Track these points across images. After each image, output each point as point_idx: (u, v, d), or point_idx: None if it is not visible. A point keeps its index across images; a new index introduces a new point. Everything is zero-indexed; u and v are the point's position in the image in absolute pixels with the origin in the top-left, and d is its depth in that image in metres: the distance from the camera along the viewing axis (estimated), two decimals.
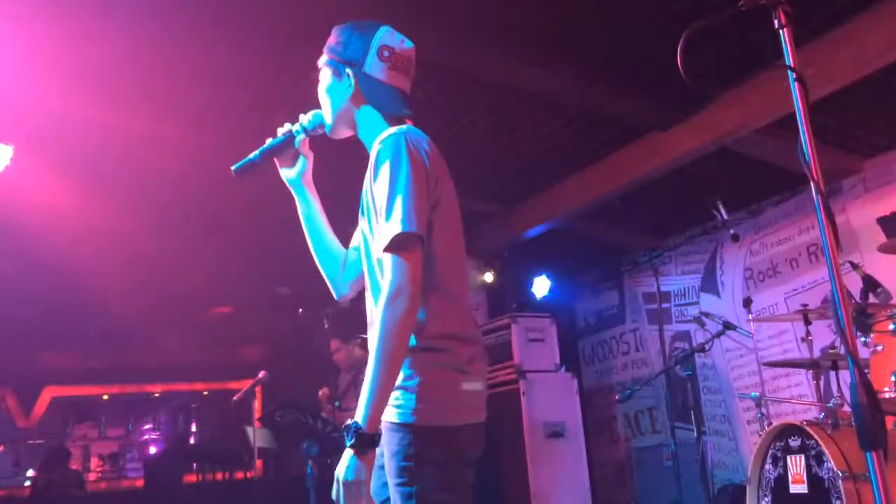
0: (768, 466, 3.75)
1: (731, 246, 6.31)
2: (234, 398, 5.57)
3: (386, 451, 1.70)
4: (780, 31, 1.60)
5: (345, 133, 2.00)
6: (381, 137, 1.79)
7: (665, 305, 6.89)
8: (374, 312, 1.71)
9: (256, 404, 8.69)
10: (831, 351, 4.40)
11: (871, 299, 3.67)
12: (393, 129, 1.80)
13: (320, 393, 5.20)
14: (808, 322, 4.30)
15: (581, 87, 4.47)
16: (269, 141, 2.03)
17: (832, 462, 3.32)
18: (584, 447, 5.94)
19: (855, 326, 3.33)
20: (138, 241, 5.98)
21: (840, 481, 3.27)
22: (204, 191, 5.54)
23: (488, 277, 7.09)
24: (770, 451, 3.76)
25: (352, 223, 2.04)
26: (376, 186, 1.73)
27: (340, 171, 2.72)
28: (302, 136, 2.01)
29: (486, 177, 5.78)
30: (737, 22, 1.67)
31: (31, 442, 9.07)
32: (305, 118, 2.00)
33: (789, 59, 1.59)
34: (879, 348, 3.24)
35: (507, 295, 7.20)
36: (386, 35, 1.90)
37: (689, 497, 4.70)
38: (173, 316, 8.11)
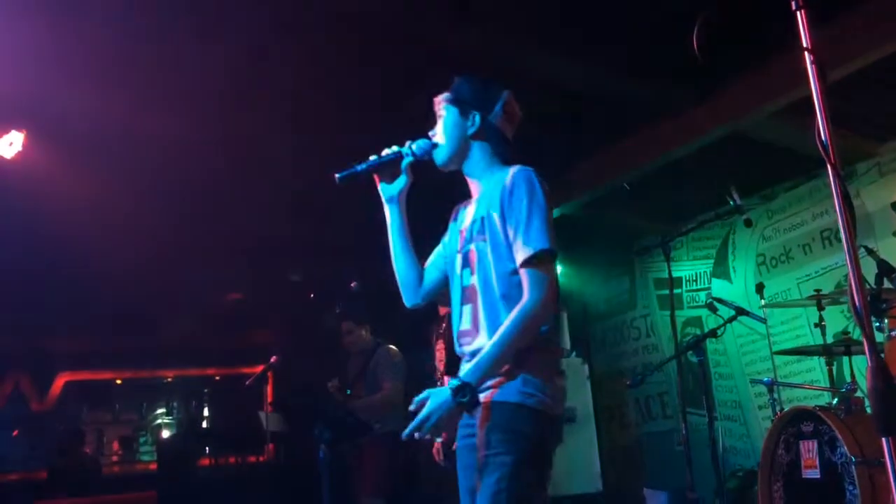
0: (780, 451, 3.75)
1: (743, 231, 6.27)
2: (247, 383, 5.61)
3: (498, 428, 1.97)
4: (798, 13, 1.58)
5: (452, 164, 2.31)
6: (514, 171, 2.15)
7: (676, 291, 6.86)
8: (497, 312, 2.06)
9: (268, 389, 8.76)
10: (844, 336, 4.38)
11: (886, 284, 3.65)
12: (518, 166, 2.17)
13: (330, 385, 5.23)
14: (820, 308, 4.28)
15: (594, 70, 4.44)
16: (375, 157, 2.28)
17: (845, 447, 3.31)
18: (595, 432, 5.95)
19: (870, 311, 3.31)
20: (151, 226, 6.00)
21: (853, 467, 3.26)
22: (217, 176, 5.54)
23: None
24: (782, 437, 3.76)
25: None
26: (515, 204, 2.07)
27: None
28: (410, 159, 2.29)
29: None
30: (754, 3, 1.65)
31: (45, 426, 9.16)
32: (414, 144, 2.30)
33: (806, 41, 1.57)
34: (894, 334, 3.22)
35: None
36: (509, 96, 2.34)
37: (700, 482, 4.69)
38: (186, 301, 8.15)
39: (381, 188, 2.33)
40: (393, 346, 5.22)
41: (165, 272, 7.00)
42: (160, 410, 10.28)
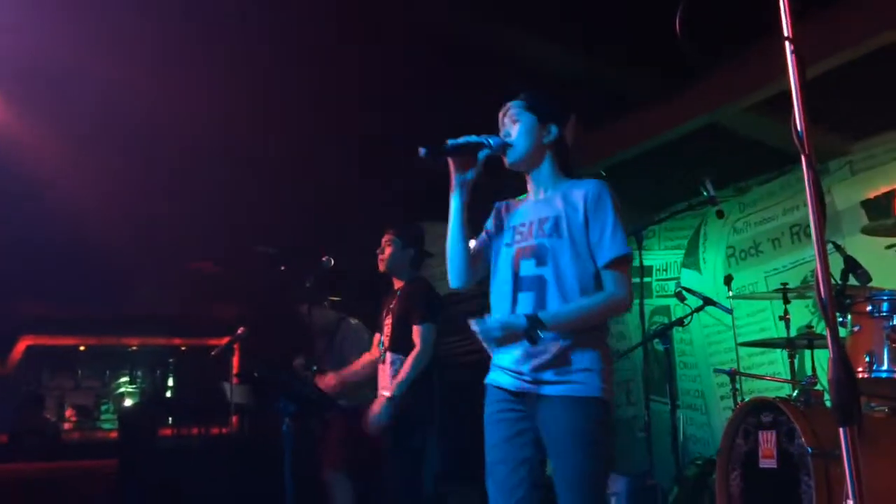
0: (739, 441, 3.80)
1: (715, 223, 6.32)
2: (212, 353, 5.56)
3: (577, 418, 2.24)
4: (781, 1, 1.58)
5: (522, 166, 2.52)
6: (598, 183, 2.46)
7: (647, 279, 6.92)
8: (570, 301, 2.31)
9: (234, 361, 8.70)
10: (807, 330, 4.45)
11: (851, 281, 3.69)
12: (595, 179, 2.47)
13: (295, 363, 5.20)
14: (786, 301, 4.33)
15: (575, 57, 4.43)
16: (464, 138, 2.41)
17: (803, 438, 3.36)
18: None
19: (835, 305, 3.35)
20: (122, 192, 5.90)
21: (809, 458, 3.32)
22: (191, 145, 5.46)
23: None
24: (742, 426, 3.81)
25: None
26: (600, 215, 2.38)
27: None
28: (487, 151, 2.44)
29: None
30: None
31: (5, 390, 9.03)
32: (491, 138, 2.46)
33: (788, 31, 1.56)
34: (856, 329, 3.26)
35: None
36: (574, 117, 2.58)
37: (660, 469, 4.76)
38: (154, 269, 8.04)
39: (455, 174, 2.47)
40: (355, 320, 5.20)
41: (135, 239, 6.90)
42: (123, 379, 10.18)
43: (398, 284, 4.13)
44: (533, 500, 2.27)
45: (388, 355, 3.95)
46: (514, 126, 2.50)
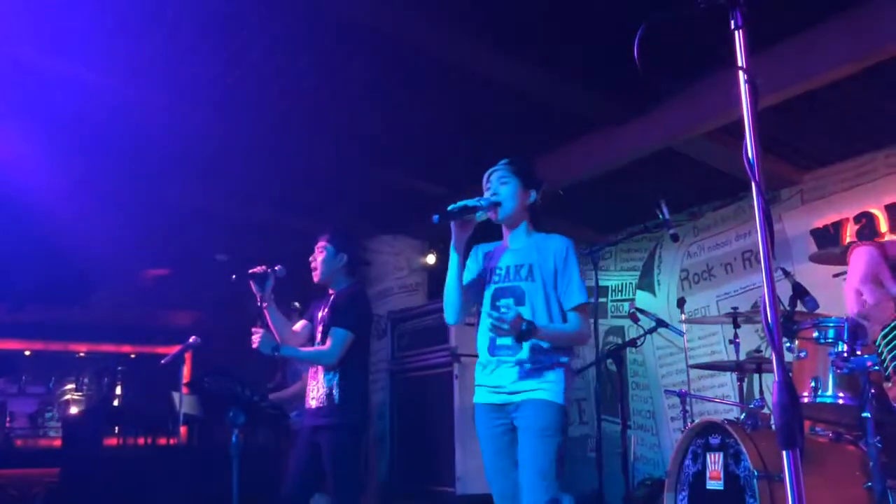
0: (688, 462, 3.84)
1: (670, 246, 6.43)
2: (163, 362, 5.45)
3: (543, 416, 2.80)
4: (736, 32, 1.62)
5: (507, 221, 3.04)
6: (565, 240, 3.00)
7: (602, 300, 6.99)
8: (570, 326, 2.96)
9: (185, 370, 8.54)
10: (756, 354, 4.53)
11: (799, 307, 3.78)
12: (563, 238, 3.01)
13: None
14: (736, 325, 4.42)
15: (534, 77, 4.47)
16: (462, 202, 2.86)
17: (749, 461, 3.41)
18: None
19: (781, 330, 3.42)
20: (76, 195, 5.78)
21: (755, 480, 3.37)
22: (147, 151, 5.39)
23: (430, 259, 7.08)
24: (691, 448, 3.85)
25: None
26: (568, 269, 2.96)
27: None
28: (482, 213, 2.96)
29: (433, 158, 5.74)
30: (694, 20, 1.68)
31: None
32: (483, 200, 2.94)
33: (742, 61, 1.60)
34: (803, 354, 3.33)
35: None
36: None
37: (609, 488, 4.79)
38: (105, 274, 7.87)
39: (456, 234, 2.93)
40: None
41: (85, 243, 6.75)
42: (69, 386, 9.92)
43: (332, 293, 4.05)
44: None
45: (320, 367, 3.88)
46: (503, 187, 3.01)
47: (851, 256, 2.13)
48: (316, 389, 3.83)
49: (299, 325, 4.08)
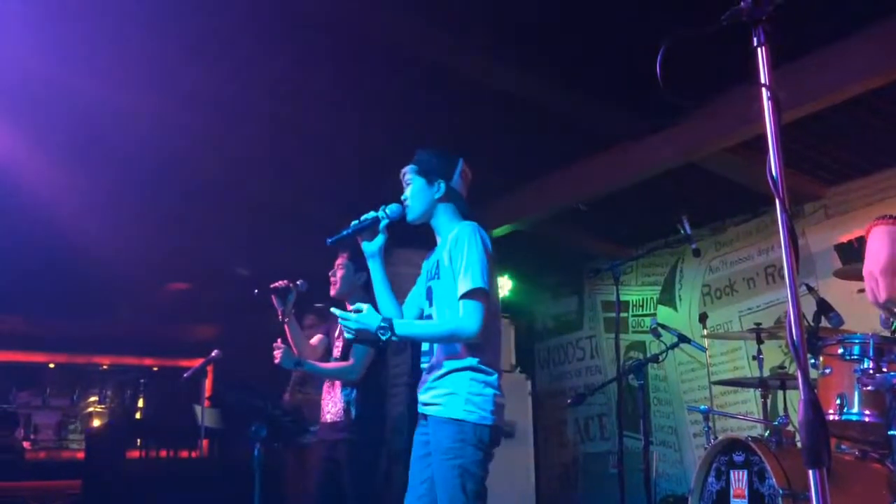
0: (711, 479, 3.80)
1: (691, 261, 6.38)
2: (185, 375, 5.49)
3: (441, 437, 2.53)
4: (758, 49, 1.61)
5: (421, 221, 2.84)
6: (458, 226, 2.70)
7: (623, 315, 6.95)
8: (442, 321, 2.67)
9: (207, 383, 8.58)
10: (780, 370, 4.48)
11: (823, 323, 3.74)
12: (466, 221, 2.72)
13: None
14: (760, 341, 4.37)
15: (556, 92, 4.48)
16: (356, 221, 2.81)
17: (774, 479, 3.38)
18: (533, 449, 5.98)
19: (806, 347, 3.38)
20: (99, 209, 5.85)
21: (780, 498, 3.33)
22: (169, 165, 5.45)
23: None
24: (714, 465, 3.81)
25: None
26: (457, 254, 2.62)
27: None
28: (385, 221, 2.81)
29: None
30: (716, 37, 1.68)
31: None
32: (389, 208, 2.82)
33: (765, 77, 1.60)
34: (828, 371, 3.29)
35: None
36: (463, 163, 2.89)
37: None
38: (128, 288, 7.95)
39: (364, 246, 2.84)
40: None
41: (109, 257, 6.83)
42: (92, 398, 10.00)
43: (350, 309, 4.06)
44: None
45: (336, 382, 3.88)
46: (407, 188, 2.87)
47: (870, 237, 1.91)
48: (332, 404, 3.84)
49: (315, 339, 4.11)
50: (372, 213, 2.83)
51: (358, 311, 2.60)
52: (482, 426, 2.51)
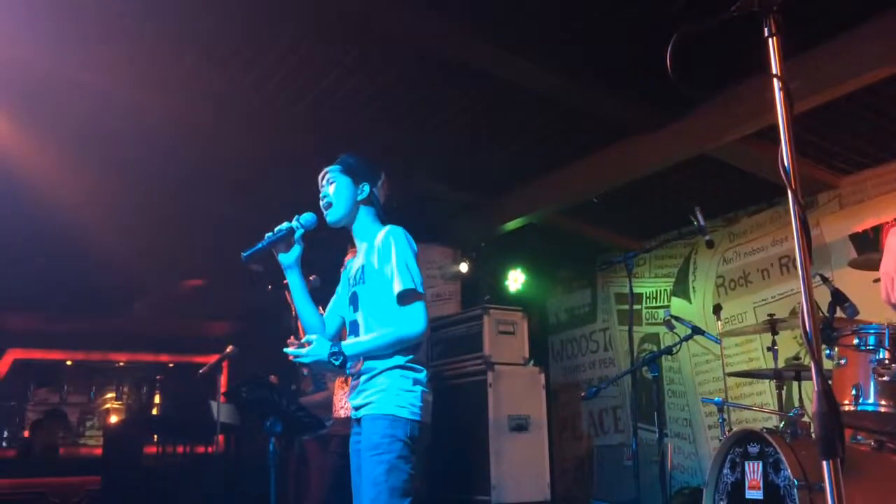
0: (726, 471, 3.80)
1: (704, 252, 6.36)
2: (200, 371, 5.53)
3: (371, 433, 2.53)
4: (770, 40, 1.61)
5: (342, 223, 2.79)
6: (386, 229, 2.69)
7: (636, 307, 6.94)
8: (379, 329, 2.63)
9: (222, 379, 8.64)
10: (795, 362, 4.46)
11: (838, 313, 3.72)
12: (391, 226, 2.70)
13: (271, 378, 5.18)
14: (774, 332, 4.35)
15: (569, 84, 4.47)
16: (270, 234, 2.72)
17: (789, 470, 3.37)
18: (547, 441, 5.97)
19: (821, 338, 3.36)
20: (113, 208, 5.90)
21: (795, 490, 3.32)
22: (183, 162, 5.48)
23: (463, 268, 7.09)
24: (729, 456, 3.81)
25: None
26: (385, 258, 2.62)
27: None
28: (301, 231, 2.75)
29: (466, 167, 5.77)
30: (727, 28, 1.67)
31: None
32: (303, 218, 2.76)
33: (776, 68, 1.59)
34: (843, 362, 3.28)
35: (481, 286, 7.20)
36: (384, 175, 2.88)
37: (647, 497, 4.75)
38: (143, 285, 8.02)
39: (280, 258, 2.78)
40: None
41: (125, 255, 6.88)
42: (109, 395, 10.09)
43: None
44: None
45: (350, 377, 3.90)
46: (331, 187, 2.80)
47: (887, 237, 1.94)
48: (345, 399, 3.86)
49: None
50: (286, 224, 2.76)
51: (308, 342, 2.58)
52: (413, 422, 2.55)
